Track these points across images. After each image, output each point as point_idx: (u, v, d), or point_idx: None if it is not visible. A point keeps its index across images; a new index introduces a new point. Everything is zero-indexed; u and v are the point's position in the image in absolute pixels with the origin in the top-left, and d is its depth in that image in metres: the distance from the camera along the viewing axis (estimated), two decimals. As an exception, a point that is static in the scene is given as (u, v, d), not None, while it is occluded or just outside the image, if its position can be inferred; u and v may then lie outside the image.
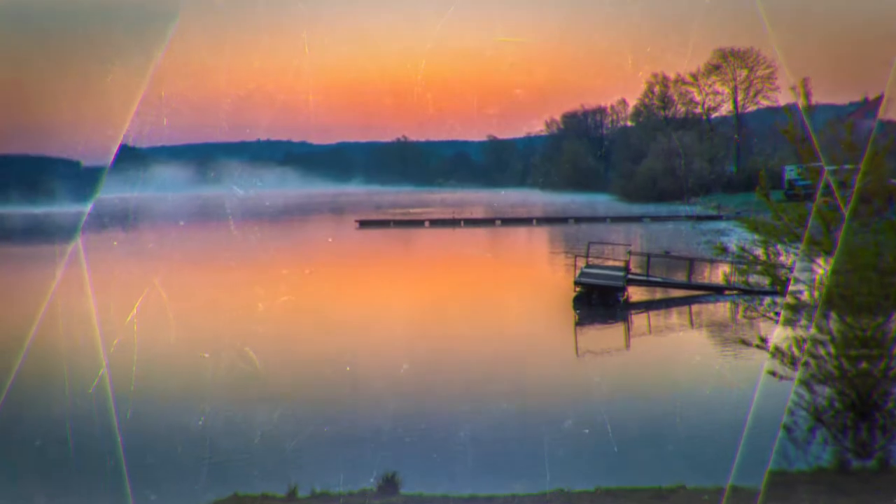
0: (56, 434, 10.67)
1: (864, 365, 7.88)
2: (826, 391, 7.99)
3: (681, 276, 23.31)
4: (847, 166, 7.74)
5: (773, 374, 8.01)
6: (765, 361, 8.08)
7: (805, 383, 7.76)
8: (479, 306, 21.91)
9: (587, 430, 10.99)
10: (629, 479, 8.82)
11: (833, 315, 7.65)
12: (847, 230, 7.34)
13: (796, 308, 7.87)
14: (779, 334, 8.39)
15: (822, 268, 7.80)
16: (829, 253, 7.85)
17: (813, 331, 7.57)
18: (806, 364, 7.69)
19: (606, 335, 18.33)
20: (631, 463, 9.62)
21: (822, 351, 7.72)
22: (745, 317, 18.62)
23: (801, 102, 7.91)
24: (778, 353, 7.87)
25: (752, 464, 8.45)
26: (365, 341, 16.86)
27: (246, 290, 23.76)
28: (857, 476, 7.87)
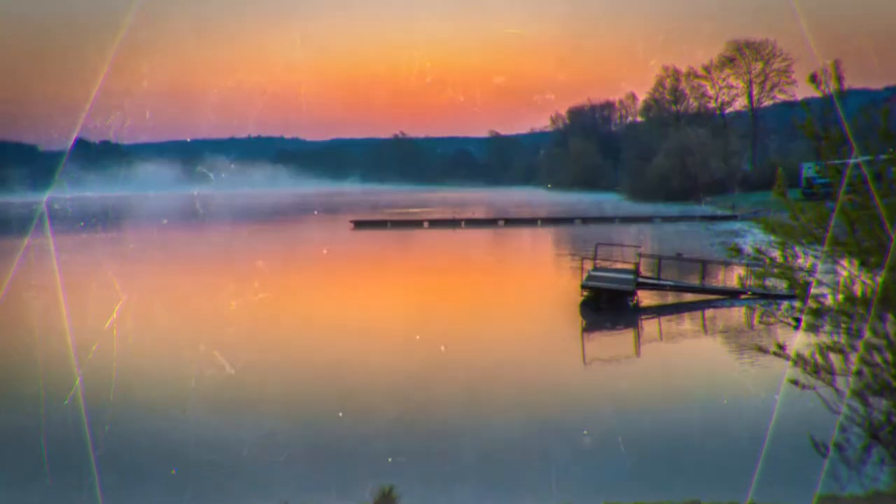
0: (29, 447, 10.57)
1: None
2: (883, 404, 7.69)
3: (693, 280, 23.25)
4: (883, 156, 7.53)
5: (796, 382, 7.85)
6: (786, 370, 7.93)
7: (858, 395, 7.42)
8: (481, 311, 21.84)
9: (586, 431, 10.91)
10: (640, 493, 8.75)
11: (890, 317, 7.33)
12: None
13: (821, 312, 7.68)
14: (800, 341, 8.25)
15: (855, 267, 7.58)
16: (853, 254, 7.68)
17: (867, 334, 7.27)
18: (859, 373, 7.38)
19: (615, 342, 18.26)
20: (642, 476, 9.54)
21: (877, 358, 7.38)
22: (761, 322, 18.53)
23: (832, 86, 7.70)
24: (800, 360, 7.70)
25: (772, 477, 8.37)
26: (361, 348, 16.77)
27: (229, 297, 23.67)
28: (920, 502, 7.57)
